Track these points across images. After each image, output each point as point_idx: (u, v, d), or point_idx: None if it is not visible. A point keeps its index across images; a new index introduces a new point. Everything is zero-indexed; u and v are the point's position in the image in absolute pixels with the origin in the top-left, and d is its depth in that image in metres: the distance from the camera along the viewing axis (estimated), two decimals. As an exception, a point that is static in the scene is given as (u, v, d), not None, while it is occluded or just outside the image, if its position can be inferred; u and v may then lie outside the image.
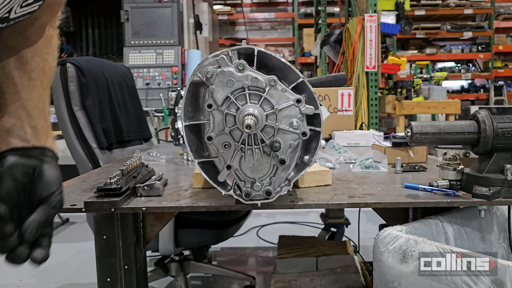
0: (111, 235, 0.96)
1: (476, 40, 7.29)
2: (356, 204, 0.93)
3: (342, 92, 2.18)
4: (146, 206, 0.91)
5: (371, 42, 3.45)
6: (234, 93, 0.84)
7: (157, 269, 2.07)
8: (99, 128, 1.70)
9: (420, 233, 0.94)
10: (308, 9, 7.27)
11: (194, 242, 1.75)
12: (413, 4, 6.49)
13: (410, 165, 1.31)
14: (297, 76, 0.84)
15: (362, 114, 3.48)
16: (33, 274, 2.53)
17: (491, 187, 0.92)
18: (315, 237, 2.32)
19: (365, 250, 2.61)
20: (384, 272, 0.88)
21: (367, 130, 2.13)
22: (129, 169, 1.04)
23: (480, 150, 0.97)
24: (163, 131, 3.83)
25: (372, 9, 3.46)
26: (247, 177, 0.87)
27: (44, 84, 0.70)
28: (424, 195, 0.98)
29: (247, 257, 2.85)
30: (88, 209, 0.89)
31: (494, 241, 1.12)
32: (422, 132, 0.98)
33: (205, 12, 4.39)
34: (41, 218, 0.60)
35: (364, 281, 1.64)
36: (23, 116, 0.66)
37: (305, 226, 3.36)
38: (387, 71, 3.81)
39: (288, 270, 1.75)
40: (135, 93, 2.14)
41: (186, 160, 1.61)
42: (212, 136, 0.85)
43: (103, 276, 0.97)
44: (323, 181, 1.10)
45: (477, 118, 0.97)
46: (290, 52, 7.47)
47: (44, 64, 0.70)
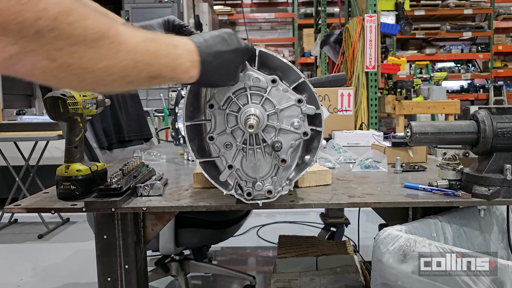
0: (111, 235, 0.96)
1: (476, 40, 7.30)
2: (356, 204, 0.93)
3: (342, 92, 2.18)
4: (147, 205, 0.91)
5: (371, 42, 3.45)
6: (235, 93, 0.84)
7: (157, 269, 2.07)
8: (99, 128, 1.70)
9: (419, 233, 0.95)
10: (308, 9, 7.28)
11: (194, 241, 1.75)
12: (413, 4, 6.50)
13: (410, 165, 1.31)
14: (298, 76, 0.85)
15: (362, 114, 3.48)
16: (33, 274, 2.54)
17: (490, 187, 0.93)
18: (315, 236, 2.32)
19: (365, 250, 2.61)
20: (384, 272, 0.88)
21: (367, 130, 2.14)
22: (129, 169, 1.04)
23: (480, 150, 0.97)
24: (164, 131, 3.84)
25: (372, 9, 3.46)
26: (249, 177, 0.87)
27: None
28: (424, 195, 0.98)
29: (247, 257, 2.86)
30: (89, 209, 0.89)
31: (494, 241, 1.12)
32: (421, 132, 0.98)
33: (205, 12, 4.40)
34: None
35: (363, 280, 1.64)
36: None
37: (305, 225, 3.36)
38: (387, 71, 3.81)
39: (288, 269, 1.75)
40: (136, 93, 2.14)
41: (187, 160, 1.61)
42: (214, 136, 0.85)
43: (104, 276, 0.97)
44: (323, 181, 1.11)
45: (476, 118, 0.97)
46: (290, 52, 7.47)
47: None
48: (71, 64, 0.52)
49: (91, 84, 0.57)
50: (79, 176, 0.97)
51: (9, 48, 0.46)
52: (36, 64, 0.49)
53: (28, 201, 0.96)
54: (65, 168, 0.98)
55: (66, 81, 0.54)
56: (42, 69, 0.50)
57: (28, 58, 0.48)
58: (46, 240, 3.18)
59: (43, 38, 0.47)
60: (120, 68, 0.57)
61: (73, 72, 0.53)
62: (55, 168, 1.02)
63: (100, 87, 0.60)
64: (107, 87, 0.59)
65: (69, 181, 0.96)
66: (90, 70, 0.54)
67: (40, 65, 0.50)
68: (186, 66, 0.69)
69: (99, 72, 0.55)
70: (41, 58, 0.49)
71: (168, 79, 0.68)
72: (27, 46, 0.47)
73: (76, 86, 0.58)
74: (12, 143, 3.39)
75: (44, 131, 3.29)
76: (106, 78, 0.57)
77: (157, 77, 0.65)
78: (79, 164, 0.99)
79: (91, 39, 0.52)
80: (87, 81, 0.56)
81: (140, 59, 0.60)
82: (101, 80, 0.57)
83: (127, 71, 0.59)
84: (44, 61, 0.49)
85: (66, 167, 0.98)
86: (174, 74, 0.68)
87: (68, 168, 0.97)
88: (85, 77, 0.55)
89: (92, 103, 1.05)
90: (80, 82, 0.55)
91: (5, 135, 3.23)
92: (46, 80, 0.53)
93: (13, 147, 3.44)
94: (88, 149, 1.62)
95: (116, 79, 0.58)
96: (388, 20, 3.59)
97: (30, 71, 0.50)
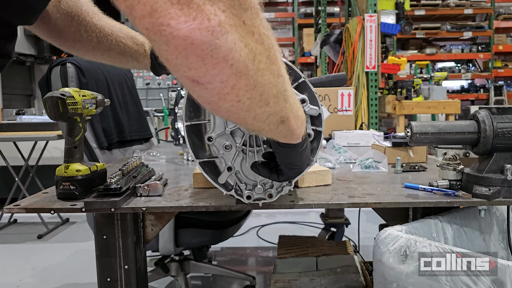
0: (111, 235, 0.96)
1: (476, 40, 7.29)
2: (356, 204, 0.93)
3: (342, 92, 2.18)
4: (146, 206, 0.91)
5: (371, 42, 3.45)
6: None
7: (157, 269, 2.07)
8: (99, 128, 1.70)
9: (420, 233, 0.94)
10: (308, 9, 7.28)
11: (194, 242, 1.74)
12: (413, 4, 6.50)
13: (410, 165, 1.31)
14: (299, 76, 0.84)
15: (362, 114, 3.47)
16: (33, 274, 2.54)
17: (491, 187, 0.92)
18: (315, 237, 2.32)
19: (365, 250, 2.61)
20: (384, 273, 0.88)
21: (367, 130, 2.13)
22: (129, 169, 1.04)
23: (480, 150, 0.97)
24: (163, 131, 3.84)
25: (372, 9, 3.46)
26: (249, 179, 0.87)
27: None
28: (424, 195, 0.98)
29: (247, 257, 2.85)
30: (88, 209, 0.89)
31: (494, 241, 1.12)
32: (422, 132, 0.98)
33: (205, 12, 4.39)
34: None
35: (364, 281, 1.64)
36: None
37: (305, 226, 3.36)
38: (387, 71, 3.81)
39: (288, 270, 1.75)
40: (136, 93, 2.14)
41: (186, 160, 1.61)
42: (213, 137, 0.84)
43: (103, 276, 0.97)
44: (323, 181, 1.10)
45: (477, 118, 0.97)
46: (290, 52, 7.47)
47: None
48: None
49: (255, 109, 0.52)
50: (78, 176, 0.97)
51: (220, 14, 0.41)
52: (238, 45, 0.44)
53: (28, 201, 0.96)
54: (64, 168, 0.97)
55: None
56: (240, 57, 0.44)
57: (232, 34, 0.42)
58: (46, 240, 3.18)
59: (248, 19, 0.44)
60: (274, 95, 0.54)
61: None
62: (54, 168, 1.01)
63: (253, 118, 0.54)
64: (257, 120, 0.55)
65: (68, 181, 0.96)
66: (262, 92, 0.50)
67: (240, 47, 0.44)
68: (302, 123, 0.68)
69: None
70: (242, 41, 0.44)
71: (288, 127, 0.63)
72: (233, 18, 0.42)
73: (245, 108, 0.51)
74: (11, 143, 3.39)
75: (44, 131, 3.29)
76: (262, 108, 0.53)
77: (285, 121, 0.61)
78: (78, 164, 0.99)
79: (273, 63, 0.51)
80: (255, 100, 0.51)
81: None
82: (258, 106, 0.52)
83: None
84: (241, 41, 0.44)
85: (65, 167, 0.97)
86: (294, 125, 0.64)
87: (67, 168, 0.97)
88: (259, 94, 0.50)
89: (92, 103, 1.05)
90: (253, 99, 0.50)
91: (5, 135, 3.23)
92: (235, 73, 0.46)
93: (12, 147, 3.44)
94: (88, 149, 1.61)
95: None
96: (388, 20, 3.58)
97: (229, 52, 0.43)
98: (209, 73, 0.43)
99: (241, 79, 0.46)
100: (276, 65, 0.51)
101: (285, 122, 0.60)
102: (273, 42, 0.50)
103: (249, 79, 0.47)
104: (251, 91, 0.48)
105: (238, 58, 0.44)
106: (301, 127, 0.68)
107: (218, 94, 0.46)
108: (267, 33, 0.48)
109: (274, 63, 0.50)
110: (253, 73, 0.46)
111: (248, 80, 0.47)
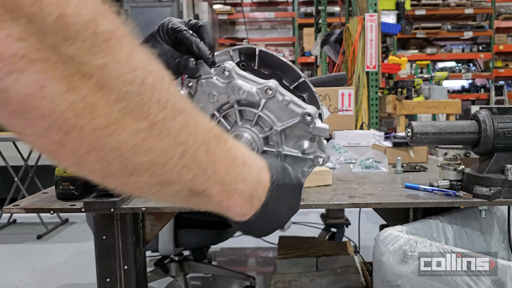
0: (110, 235, 0.96)
1: (477, 40, 7.29)
2: (357, 204, 0.92)
3: (342, 92, 2.18)
4: (146, 206, 0.91)
5: (372, 41, 3.44)
6: (221, 109, 0.70)
7: (156, 269, 2.07)
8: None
9: (420, 233, 0.94)
10: (308, 9, 7.28)
11: (194, 242, 1.74)
12: (414, 4, 6.49)
13: (411, 165, 1.30)
14: (299, 75, 0.84)
15: (362, 114, 3.47)
16: (32, 274, 2.53)
17: (491, 187, 0.92)
18: (315, 237, 2.32)
19: (365, 250, 2.61)
20: (385, 273, 0.88)
21: (368, 130, 2.13)
22: (128, 169, 1.03)
23: (481, 150, 0.97)
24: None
25: (372, 8, 3.46)
26: None
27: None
28: (425, 195, 0.97)
29: (247, 257, 2.85)
30: (88, 209, 0.89)
31: (495, 242, 1.12)
32: (422, 132, 0.97)
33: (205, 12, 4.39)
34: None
35: (364, 281, 1.63)
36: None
37: (305, 226, 3.35)
38: (388, 71, 3.81)
39: (288, 270, 1.75)
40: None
41: (186, 160, 1.60)
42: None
43: (103, 277, 0.97)
44: (323, 181, 1.10)
45: (477, 118, 0.97)
46: (290, 51, 7.47)
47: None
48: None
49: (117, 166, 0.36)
50: (78, 176, 0.96)
51: (13, 43, 0.27)
52: (44, 88, 0.29)
53: (27, 201, 0.96)
54: (64, 168, 0.97)
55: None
56: (50, 100, 0.30)
57: (35, 71, 0.28)
58: (45, 240, 3.18)
59: (79, 54, 0.29)
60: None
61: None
62: (54, 168, 1.01)
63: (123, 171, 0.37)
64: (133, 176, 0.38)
65: (68, 181, 0.96)
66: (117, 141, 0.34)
67: (50, 91, 0.29)
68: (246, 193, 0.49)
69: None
70: (53, 79, 0.29)
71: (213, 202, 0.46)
72: (38, 49, 0.28)
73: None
74: (11, 143, 3.38)
75: (44, 131, 3.28)
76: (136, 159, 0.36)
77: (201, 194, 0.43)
78: (78, 164, 0.98)
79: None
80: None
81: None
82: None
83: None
84: (57, 85, 0.29)
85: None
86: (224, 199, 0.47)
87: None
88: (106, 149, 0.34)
89: (91, 103, 1.05)
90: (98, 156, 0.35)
91: (4, 135, 3.22)
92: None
93: (12, 147, 3.44)
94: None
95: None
96: (388, 19, 3.58)
97: (31, 96, 0.29)
98: (17, 122, 0.32)
99: (69, 136, 0.32)
100: (148, 120, 0.34)
101: (203, 196, 0.44)
102: (147, 84, 0.33)
103: (85, 137, 0.32)
104: (98, 153, 0.34)
105: (52, 108, 0.30)
106: (245, 202, 0.50)
107: (46, 150, 0.34)
108: (128, 75, 0.32)
109: (146, 118, 0.34)
110: (90, 130, 0.32)
111: (83, 139, 0.32)
